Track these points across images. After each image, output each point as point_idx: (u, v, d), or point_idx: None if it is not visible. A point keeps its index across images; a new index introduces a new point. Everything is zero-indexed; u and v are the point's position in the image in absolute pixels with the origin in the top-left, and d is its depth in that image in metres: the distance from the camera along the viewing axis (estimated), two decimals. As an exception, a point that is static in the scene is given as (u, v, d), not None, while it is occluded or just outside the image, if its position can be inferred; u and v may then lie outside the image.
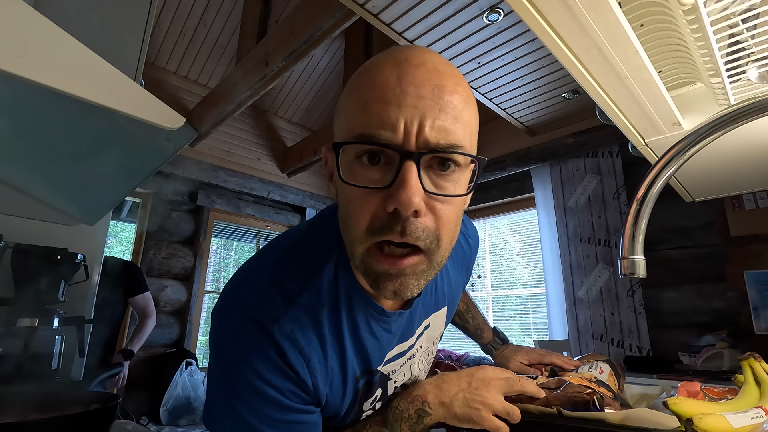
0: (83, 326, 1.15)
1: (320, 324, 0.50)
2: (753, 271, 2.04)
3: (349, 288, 0.51)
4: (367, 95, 0.41)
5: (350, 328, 0.51)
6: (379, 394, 0.58)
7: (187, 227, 3.51)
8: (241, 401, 0.47)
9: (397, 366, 0.58)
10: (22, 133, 0.70)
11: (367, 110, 0.40)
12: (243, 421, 0.47)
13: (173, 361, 3.08)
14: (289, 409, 0.48)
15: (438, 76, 0.41)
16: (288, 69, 2.52)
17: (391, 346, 0.56)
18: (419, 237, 0.40)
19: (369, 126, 0.40)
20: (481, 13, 1.87)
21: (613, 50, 0.53)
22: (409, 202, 0.38)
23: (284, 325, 0.47)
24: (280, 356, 0.47)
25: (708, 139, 0.50)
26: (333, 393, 0.52)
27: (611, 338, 2.52)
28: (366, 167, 0.41)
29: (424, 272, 0.43)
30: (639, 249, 0.52)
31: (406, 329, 0.58)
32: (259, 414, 0.47)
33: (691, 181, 1.05)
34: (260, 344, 0.46)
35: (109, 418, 0.67)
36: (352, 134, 0.41)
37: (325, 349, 0.50)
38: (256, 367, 0.46)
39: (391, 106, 0.39)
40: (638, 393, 0.76)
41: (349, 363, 0.52)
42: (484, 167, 0.49)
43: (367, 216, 0.41)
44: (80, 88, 0.35)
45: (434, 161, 0.41)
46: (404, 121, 0.39)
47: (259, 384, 0.46)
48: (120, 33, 1.16)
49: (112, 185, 0.90)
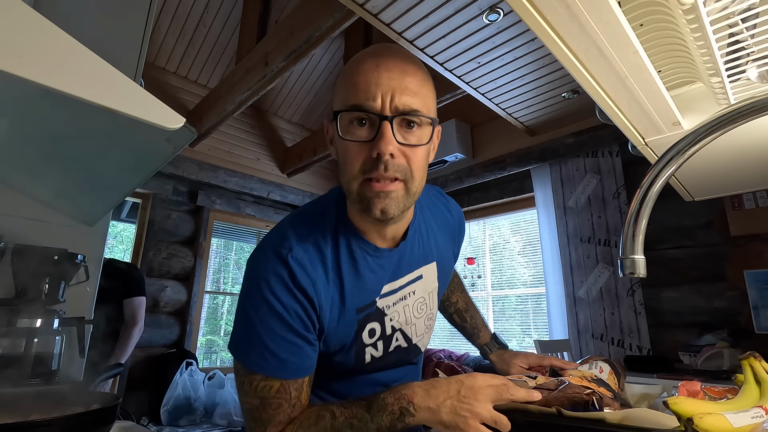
0: (83, 326, 1.15)
1: (324, 258, 0.64)
2: (753, 271, 2.04)
3: (347, 233, 0.66)
4: (356, 78, 0.59)
5: (349, 262, 0.66)
6: (378, 330, 0.69)
7: (187, 227, 3.51)
8: (255, 313, 0.60)
9: (390, 302, 0.70)
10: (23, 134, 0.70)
11: (357, 88, 0.58)
12: (254, 331, 0.60)
13: (173, 361, 3.08)
14: (290, 328, 0.60)
15: (403, 64, 0.59)
16: (288, 69, 2.53)
17: (384, 280, 0.69)
18: (397, 170, 0.58)
19: (357, 98, 0.58)
20: (481, 13, 1.87)
21: (613, 50, 0.53)
22: (386, 149, 0.56)
23: (296, 253, 0.62)
24: (291, 278, 0.60)
25: (708, 139, 0.50)
26: (335, 321, 0.64)
27: (611, 338, 2.52)
28: (356, 128, 0.59)
29: (404, 197, 0.60)
30: (639, 248, 0.52)
31: (396, 269, 0.70)
32: (266, 326, 0.60)
33: (691, 180, 1.05)
34: (276, 267, 0.61)
35: (110, 419, 0.67)
36: (346, 105, 0.59)
37: (328, 278, 0.64)
38: (271, 284, 0.60)
39: (372, 84, 0.57)
40: (638, 393, 0.76)
41: (347, 293, 0.65)
42: (484, 166, 0.66)
43: (359, 161, 0.58)
44: (80, 89, 0.35)
45: (402, 122, 0.59)
46: (381, 94, 0.57)
47: (270, 299, 0.60)
48: (120, 33, 1.16)
49: (111, 185, 0.90)
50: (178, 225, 3.45)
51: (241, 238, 4.10)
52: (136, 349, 3.10)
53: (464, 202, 3.66)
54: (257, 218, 3.96)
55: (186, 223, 3.51)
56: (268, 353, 0.59)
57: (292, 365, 0.61)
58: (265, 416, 0.60)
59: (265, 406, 0.60)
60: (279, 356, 0.60)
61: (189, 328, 3.36)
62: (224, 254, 4.13)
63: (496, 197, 3.48)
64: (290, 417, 0.61)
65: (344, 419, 0.58)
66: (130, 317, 2.27)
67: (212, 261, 3.79)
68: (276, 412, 0.60)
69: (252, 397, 0.60)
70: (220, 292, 4.21)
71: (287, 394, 0.60)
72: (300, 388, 0.62)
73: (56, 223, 1.18)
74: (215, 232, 3.77)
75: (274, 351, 0.59)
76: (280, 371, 0.60)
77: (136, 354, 3.09)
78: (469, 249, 3.74)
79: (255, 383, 0.60)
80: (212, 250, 3.73)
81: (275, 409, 0.60)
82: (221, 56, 3.51)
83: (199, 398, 2.95)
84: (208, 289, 3.67)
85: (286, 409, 0.60)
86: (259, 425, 0.60)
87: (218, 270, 4.05)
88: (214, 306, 4.36)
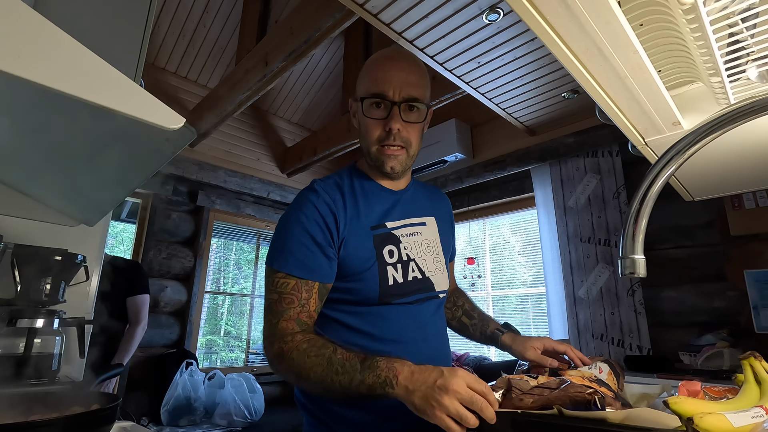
0: (83, 327, 1.15)
1: (342, 187, 0.88)
2: (753, 270, 2.04)
3: (359, 176, 0.92)
4: (377, 74, 0.85)
5: (363, 194, 0.89)
6: (396, 253, 0.85)
7: (187, 227, 3.51)
8: (286, 226, 0.82)
9: (403, 233, 0.88)
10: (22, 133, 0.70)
11: (377, 81, 0.84)
12: (282, 239, 0.80)
13: (173, 361, 3.08)
14: (309, 235, 0.79)
15: (408, 66, 0.86)
16: (288, 69, 2.52)
17: (391, 213, 0.89)
18: (402, 141, 0.85)
19: (378, 89, 0.84)
20: (481, 12, 1.87)
21: (613, 50, 0.53)
22: (395, 126, 0.83)
23: (319, 184, 0.87)
24: (315, 197, 0.83)
25: (708, 139, 0.50)
26: (353, 234, 0.82)
27: (611, 338, 2.52)
28: (375, 109, 0.85)
29: (406, 158, 0.88)
30: (639, 248, 0.52)
31: (401, 210, 0.91)
32: (291, 234, 0.80)
33: (691, 180, 1.05)
34: (306, 193, 0.85)
35: (110, 419, 0.67)
36: (369, 93, 0.85)
37: (345, 201, 0.85)
38: (301, 204, 0.83)
39: (387, 81, 0.84)
40: (638, 392, 0.76)
41: (362, 214, 0.85)
42: (484, 166, 1.09)
43: (376, 133, 0.86)
44: (80, 89, 0.35)
45: (406, 106, 0.85)
46: (392, 87, 0.83)
47: (298, 214, 0.81)
48: (120, 33, 1.15)
49: (111, 186, 0.90)
50: (178, 225, 3.45)
51: (241, 238, 4.10)
52: (136, 350, 3.09)
53: (464, 202, 3.65)
54: (257, 218, 3.96)
55: (186, 223, 3.50)
56: (288, 254, 0.78)
57: (308, 266, 0.77)
58: (279, 309, 0.75)
59: (281, 300, 0.75)
60: (296, 256, 0.77)
61: (189, 329, 3.36)
62: (224, 254, 4.12)
63: (496, 197, 3.48)
64: (297, 316, 0.75)
65: (341, 358, 0.67)
66: (134, 315, 2.27)
67: (212, 261, 3.79)
68: (288, 307, 0.75)
69: (272, 292, 0.76)
70: (220, 292, 4.21)
71: (299, 292, 0.76)
72: (310, 291, 0.77)
73: (56, 223, 1.18)
74: (215, 232, 3.77)
75: (293, 252, 0.78)
76: (294, 268, 0.77)
77: (136, 354, 3.08)
78: (469, 249, 3.74)
79: (276, 280, 0.77)
80: (212, 250, 3.73)
81: (288, 304, 0.75)
82: (221, 56, 3.51)
83: (199, 398, 2.95)
84: (208, 289, 3.67)
85: (296, 307, 0.75)
86: (275, 316, 0.75)
87: (218, 270, 4.05)
88: (214, 306, 4.35)
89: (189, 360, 3.10)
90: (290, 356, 0.69)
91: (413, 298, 0.85)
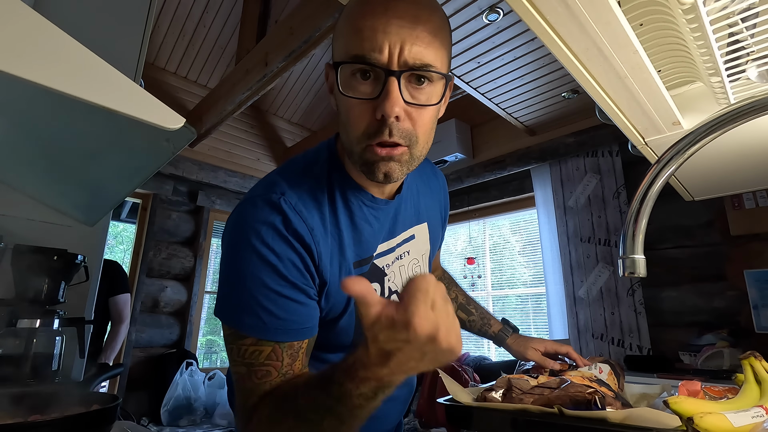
0: (83, 327, 1.15)
1: (321, 205, 0.58)
2: (753, 270, 2.04)
3: (342, 181, 0.61)
4: (360, 23, 0.51)
5: (346, 213, 0.61)
6: (378, 291, 0.63)
7: (187, 228, 3.51)
8: (245, 267, 0.53)
9: (389, 261, 0.67)
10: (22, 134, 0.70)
11: (360, 35, 0.50)
12: (244, 288, 0.53)
13: (173, 361, 3.08)
14: (286, 280, 0.53)
15: (416, 9, 0.51)
16: (287, 69, 2.52)
17: (380, 235, 0.65)
18: (402, 137, 0.52)
19: (361, 48, 0.50)
20: (481, 12, 1.87)
21: (613, 50, 0.53)
22: (392, 111, 0.49)
23: (290, 198, 0.56)
24: (285, 225, 0.54)
25: (708, 138, 0.50)
26: (336, 274, 0.58)
27: (611, 337, 2.52)
28: (359, 82, 0.52)
29: (407, 161, 0.54)
30: (639, 248, 0.52)
31: (392, 226, 0.67)
32: (258, 280, 0.52)
33: (691, 180, 1.05)
34: (267, 215, 0.54)
35: (110, 419, 0.67)
36: (348, 55, 0.51)
37: (326, 227, 0.58)
38: (262, 233, 0.53)
39: (378, 32, 0.49)
40: (639, 392, 0.76)
41: (346, 246, 0.60)
42: (484, 166, 0.64)
43: (363, 122, 0.52)
44: (80, 89, 0.35)
45: (411, 77, 0.52)
46: (388, 44, 0.49)
47: (262, 249, 0.53)
48: (120, 33, 1.16)
49: (112, 186, 0.90)
50: (178, 225, 3.45)
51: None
52: (136, 350, 3.10)
53: (464, 202, 3.65)
54: (257, 218, 3.96)
55: (186, 223, 3.50)
56: (262, 311, 0.52)
57: (290, 324, 0.53)
58: (249, 386, 0.52)
59: (251, 374, 0.52)
60: (274, 314, 0.52)
61: (189, 329, 3.36)
62: (224, 254, 4.12)
63: (496, 197, 3.48)
64: (278, 386, 0.53)
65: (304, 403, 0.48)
66: (117, 315, 2.29)
67: (212, 261, 3.79)
68: (261, 381, 0.52)
69: (239, 364, 0.53)
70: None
71: (278, 360, 0.53)
72: (295, 354, 0.54)
73: (56, 223, 1.18)
74: (215, 232, 3.77)
75: (268, 308, 0.52)
76: (274, 332, 0.52)
77: (136, 354, 3.09)
78: (469, 249, 3.74)
79: (244, 348, 0.53)
80: (212, 250, 3.72)
81: (261, 378, 0.52)
82: (221, 56, 3.51)
83: (199, 398, 2.95)
84: (208, 290, 3.67)
85: (275, 378, 0.53)
86: (243, 396, 0.53)
87: (218, 270, 4.05)
88: (214, 306, 4.35)
89: (189, 360, 3.10)
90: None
91: None
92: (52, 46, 0.35)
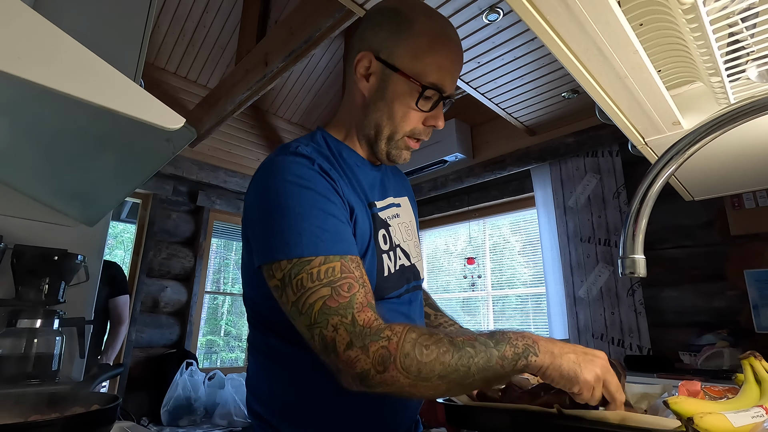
0: (84, 327, 1.15)
1: (327, 158, 0.69)
2: (753, 270, 2.04)
3: (338, 145, 0.74)
4: (444, 55, 0.68)
5: (347, 167, 0.72)
6: (388, 238, 0.72)
7: (187, 228, 3.51)
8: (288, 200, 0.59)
9: (389, 214, 0.75)
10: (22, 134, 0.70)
11: (443, 69, 0.68)
12: (295, 217, 0.58)
13: (174, 361, 3.08)
14: (329, 200, 0.61)
15: (461, 50, 0.72)
16: (287, 69, 2.52)
17: (374, 192, 0.75)
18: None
19: (442, 80, 0.68)
20: (481, 12, 1.87)
21: (613, 49, 0.53)
22: (440, 126, 0.72)
23: (304, 148, 0.66)
24: (311, 162, 0.63)
25: (708, 138, 0.50)
26: (359, 208, 0.67)
27: (611, 337, 2.52)
28: (425, 101, 0.69)
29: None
30: (639, 248, 0.52)
31: (381, 188, 0.78)
32: (305, 205, 0.58)
33: (691, 180, 1.05)
34: (293, 159, 0.63)
35: (110, 419, 0.67)
36: (427, 80, 0.67)
37: (338, 172, 0.68)
38: (295, 171, 0.61)
39: (454, 71, 0.70)
40: (639, 393, 0.76)
41: (357, 188, 0.70)
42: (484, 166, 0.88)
43: (413, 124, 0.71)
44: (79, 89, 0.35)
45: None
46: (452, 81, 0.71)
47: (300, 181, 0.60)
48: (119, 34, 1.15)
49: (111, 186, 0.90)
50: (178, 225, 3.45)
51: (240, 238, 4.10)
52: (136, 350, 3.10)
53: (464, 202, 3.65)
54: (257, 218, 3.95)
55: (186, 223, 3.50)
56: (319, 230, 0.57)
57: (345, 239, 0.59)
58: (342, 302, 0.54)
59: (338, 290, 0.54)
60: (330, 230, 0.57)
61: (189, 329, 3.36)
62: (224, 254, 4.12)
63: (496, 197, 3.48)
64: (367, 300, 0.55)
65: (463, 339, 0.53)
66: (117, 316, 2.31)
67: (212, 261, 3.79)
68: (350, 293, 0.54)
69: (318, 288, 0.54)
70: (220, 292, 4.20)
71: (351, 273, 0.56)
72: (359, 267, 0.58)
73: (56, 223, 1.18)
74: (215, 232, 3.77)
75: (323, 227, 0.57)
76: (334, 245, 0.57)
77: (136, 354, 3.09)
78: (469, 249, 3.74)
79: (316, 270, 0.55)
80: (212, 250, 3.72)
81: (348, 291, 0.55)
82: (221, 56, 3.51)
83: (199, 398, 2.95)
84: (208, 290, 3.67)
85: (359, 289, 0.55)
86: (342, 314, 0.53)
87: (218, 270, 4.05)
88: (214, 306, 4.35)
89: (189, 360, 3.10)
90: (403, 354, 0.52)
91: (404, 289, 0.73)
92: (52, 46, 0.35)
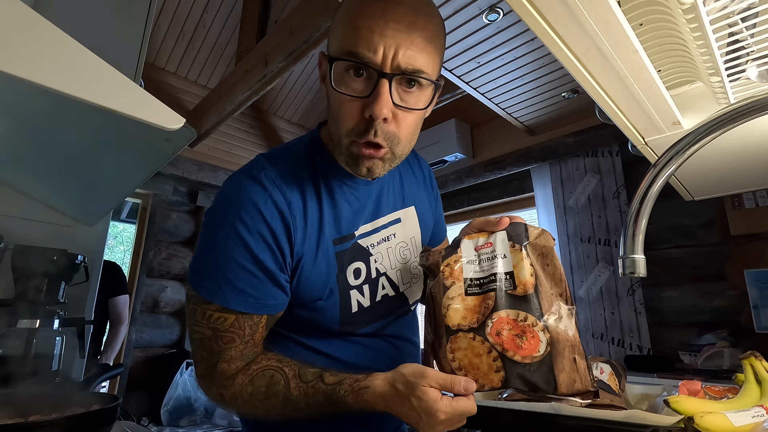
0: (83, 327, 1.15)
1: (301, 181, 0.62)
2: (753, 270, 2.04)
3: (323, 162, 0.64)
4: (358, 22, 0.53)
5: (326, 191, 0.63)
6: (364, 271, 0.66)
7: (187, 228, 3.51)
8: (216, 237, 0.57)
9: (374, 241, 0.68)
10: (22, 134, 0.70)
11: (357, 33, 0.52)
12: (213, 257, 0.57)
13: (173, 361, 3.08)
14: (252, 256, 0.56)
15: (413, 14, 0.53)
16: (287, 69, 2.52)
17: (363, 216, 0.66)
18: (386, 138, 0.55)
19: (357, 46, 0.52)
20: (481, 12, 1.87)
21: (613, 49, 0.53)
22: (380, 113, 0.52)
23: (269, 173, 0.60)
24: (263, 197, 0.57)
25: (708, 138, 0.50)
26: (312, 252, 0.61)
27: (611, 337, 2.52)
28: (352, 78, 0.54)
29: (390, 159, 0.58)
30: (639, 248, 0.52)
31: (376, 207, 0.69)
32: (225, 252, 0.56)
33: (691, 179, 1.05)
34: (247, 188, 0.58)
35: (110, 419, 0.67)
36: (343, 51, 0.53)
37: (305, 202, 0.61)
38: (237, 206, 0.57)
39: (375, 34, 0.51)
40: (639, 393, 0.76)
41: (325, 223, 0.62)
42: (484, 166, 0.70)
43: (352, 120, 0.55)
44: (80, 89, 0.35)
45: (402, 80, 0.54)
46: (383, 47, 0.51)
47: (235, 222, 0.56)
48: (120, 33, 1.15)
49: (112, 186, 0.90)
50: (178, 225, 3.45)
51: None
52: (136, 350, 3.10)
53: (464, 202, 3.65)
54: (257, 218, 3.96)
55: (186, 223, 3.50)
56: (225, 282, 0.56)
57: (249, 298, 0.57)
58: (217, 348, 0.57)
59: (218, 338, 0.57)
60: (235, 286, 0.56)
61: (189, 329, 3.36)
62: (224, 254, 4.13)
63: (496, 197, 3.48)
64: (242, 353, 0.58)
65: (298, 395, 0.54)
66: (116, 316, 2.31)
67: (212, 261, 3.79)
68: (228, 346, 0.57)
69: (204, 327, 0.57)
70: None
71: (241, 329, 0.58)
72: (255, 327, 0.59)
73: (56, 223, 1.18)
74: (215, 232, 3.77)
75: (230, 280, 0.56)
76: (235, 303, 0.56)
77: (136, 354, 3.09)
78: (469, 249, 3.73)
79: (209, 313, 0.57)
80: (212, 250, 3.72)
81: (227, 343, 0.57)
82: (221, 56, 3.51)
83: (199, 398, 2.95)
84: (208, 290, 3.67)
85: (239, 345, 0.58)
86: (211, 356, 0.58)
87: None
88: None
89: (189, 360, 3.10)
90: (234, 402, 0.58)
91: (380, 323, 0.68)
92: (52, 46, 0.35)
